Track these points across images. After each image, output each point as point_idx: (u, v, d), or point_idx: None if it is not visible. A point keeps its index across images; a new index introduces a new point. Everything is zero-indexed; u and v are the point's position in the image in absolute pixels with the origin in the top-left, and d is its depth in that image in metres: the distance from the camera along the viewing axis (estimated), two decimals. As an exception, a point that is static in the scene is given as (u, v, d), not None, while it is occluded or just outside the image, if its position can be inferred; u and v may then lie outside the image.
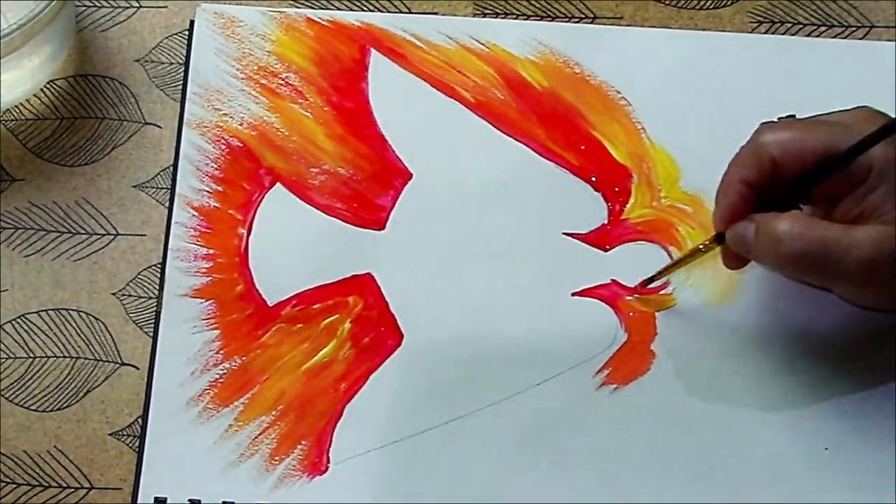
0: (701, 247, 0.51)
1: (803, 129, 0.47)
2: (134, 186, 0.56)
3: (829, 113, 0.49)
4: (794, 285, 0.53)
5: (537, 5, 0.60)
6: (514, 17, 0.59)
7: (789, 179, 0.47)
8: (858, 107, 0.48)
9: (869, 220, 0.45)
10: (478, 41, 0.58)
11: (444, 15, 0.59)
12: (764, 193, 0.48)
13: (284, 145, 0.56)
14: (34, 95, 0.57)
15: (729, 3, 0.60)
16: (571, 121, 0.57)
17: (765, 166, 0.47)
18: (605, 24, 0.59)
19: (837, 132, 0.46)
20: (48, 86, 0.57)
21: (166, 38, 0.59)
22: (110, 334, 0.53)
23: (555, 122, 0.57)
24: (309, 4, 0.59)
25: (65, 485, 0.51)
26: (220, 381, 0.52)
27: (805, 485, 0.51)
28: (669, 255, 0.55)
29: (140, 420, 0.52)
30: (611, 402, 0.52)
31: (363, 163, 0.56)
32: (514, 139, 0.57)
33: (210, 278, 0.54)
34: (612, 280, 0.54)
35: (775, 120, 0.50)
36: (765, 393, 0.52)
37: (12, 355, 0.53)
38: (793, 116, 0.52)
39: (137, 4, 0.59)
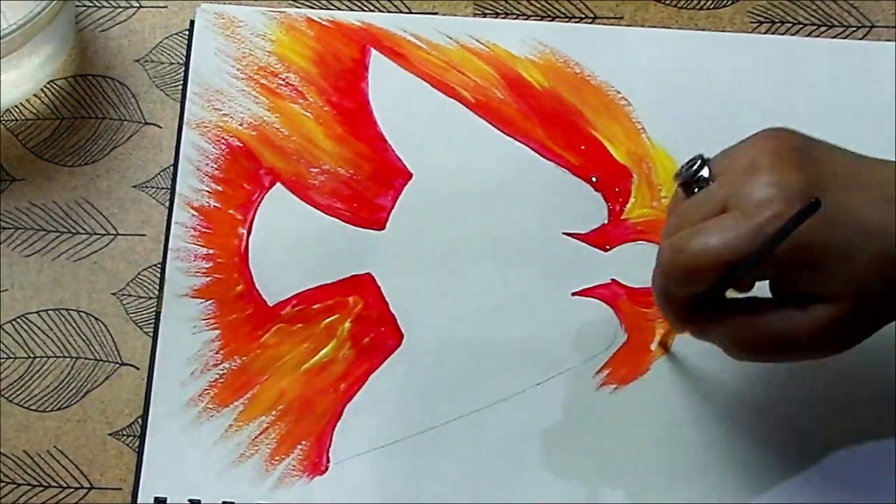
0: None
1: (701, 239, 0.42)
2: (134, 186, 0.56)
3: (729, 150, 0.45)
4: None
5: (537, 5, 0.60)
6: (514, 17, 0.59)
7: (711, 282, 0.43)
8: (758, 137, 0.44)
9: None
10: (478, 41, 0.58)
11: (444, 15, 0.59)
12: (703, 295, 0.44)
13: (284, 145, 0.56)
14: (34, 95, 0.57)
15: (729, 3, 0.60)
16: (571, 121, 0.57)
17: (682, 295, 0.44)
18: (605, 24, 0.59)
19: (734, 229, 0.41)
20: (48, 86, 0.57)
21: (166, 38, 0.59)
22: (110, 334, 0.53)
23: (555, 122, 0.57)
24: (309, 4, 0.59)
25: (65, 485, 0.51)
26: (220, 381, 0.52)
27: (805, 485, 0.51)
28: (669, 255, 0.55)
29: (140, 420, 0.52)
30: (611, 402, 0.52)
31: (363, 163, 0.56)
32: (514, 139, 0.57)
33: (210, 278, 0.54)
34: (612, 280, 0.54)
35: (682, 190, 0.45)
36: (764, 393, 0.52)
37: (12, 355, 0.53)
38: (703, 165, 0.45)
39: (137, 4, 0.59)
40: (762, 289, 0.44)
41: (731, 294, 0.44)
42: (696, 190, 0.44)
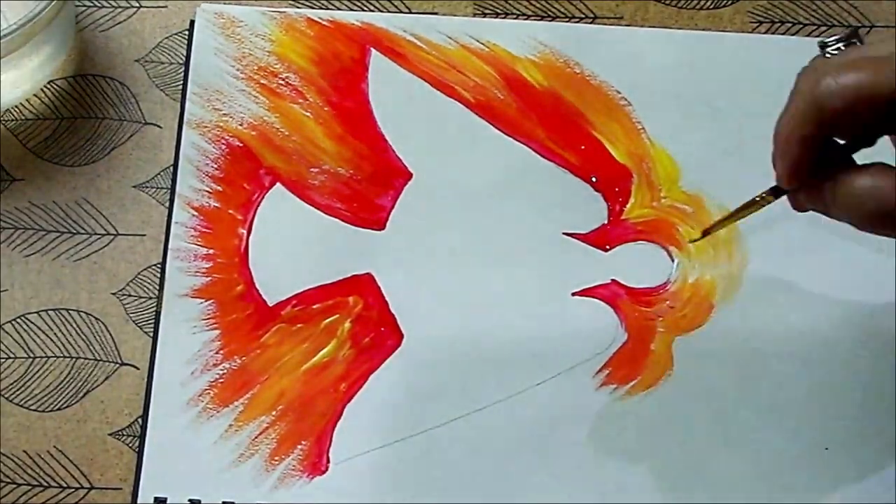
0: (757, 198, 0.47)
1: (866, 70, 0.40)
2: (134, 186, 0.56)
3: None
4: (795, 285, 0.54)
5: (537, 5, 0.60)
6: (514, 17, 0.59)
7: (858, 126, 0.41)
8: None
9: None
10: (478, 41, 0.58)
11: (444, 15, 0.59)
12: (830, 141, 0.42)
13: (284, 145, 0.56)
14: (34, 95, 0.57)
15: (729, 3, 0.60)
16: (571, 121, 0.57)
17: (827, 120, 0.41)
18: (605, 24, 0.59)
19: None
20: (48, 86, 0.57)
21: (166, 38, 0.59)
22: (110, 334, 0.53)
23: (555, 122, 0.57)
24: (309, 4, 0.59)
25: (65, 485, 0.51)
26: (220, 381, 0.52)
27: (805, 485, 0.51)
28: (669, 254, 0.55)
29: (140, 420, 0.52)
30: (611, 402, 0.52)
31: (363, 163, 0.56)
32: (514, 139, 0.57)
33: (210, 278, 0.54)
34: (612, 280, 0.54)
35: (826, 54, 0.43)
36: (764, 392, 0.52)
37: (12, 355, 0.53)
38: (855, 36, 0.43)
39: (137, 4, 0.59)
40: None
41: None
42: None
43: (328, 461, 0.51)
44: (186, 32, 0.58)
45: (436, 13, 0.59)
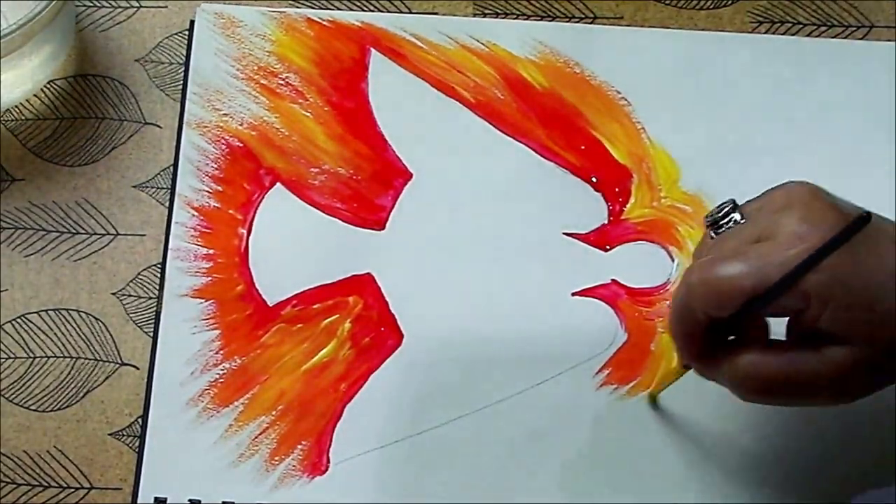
0: (675, 370, 0.49)
1: (732, 266, 0.41)
2: (134, 186, 0.56)
3: (760, 196, 0.44)
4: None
5: (537, 5, 0.60)
6: (514, 17, 0.59)
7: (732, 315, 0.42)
8: (790, 184, 0.43)
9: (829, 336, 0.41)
10: (478, 41, 0.58)
11: (444, 15, 0.59)
12: (716, 323, 0.43)
13: (284, 145, 0.56)
14: (34, 95, 0.57)
15: (729, 3, 0.60)
16: (572, 121, 0.57)
17: (699, 317, 0.42)
18: (605, 24, 0.59)
19: (766, 257, 0.41)
20: (48, 86, 0.57)
21: (166, 38, 0.59)
22: (110, 334, 0.53)
23: (555, 122, 0.57)
24: (309, 4, 0.59)
25: (65, 485, 0.51)
26: (220, 381, 0.52)
27: (804, 485, 0.51)
28: (669, 254, 0.55)
29: (140, 420, 0.52)
30: (611, 403, 0.52)
31: (363, 163, 0.56)
32: (514, 139, 0.57)
33: (210, 278, 0.54)
34: (612, 280, 0.54)
35: (711, 234, 0.44)
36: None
37: (12, 355, 0.53)
38: (732, 205, 0.44)
39: (137, 4, 0.59)
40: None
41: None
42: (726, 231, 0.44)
43: (328, 461, 0.51)
44: (186, 32, 0.58)
45: (436, 13, 0.59)
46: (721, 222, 0.44)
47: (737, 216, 0.44)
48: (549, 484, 0.51)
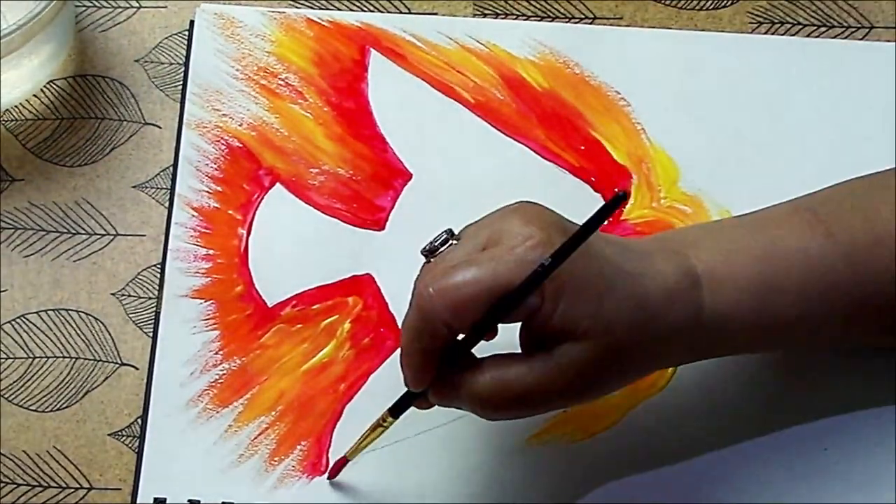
0: (381, 421, 0.46)
1: (466, 271, 0.41)
2: (134, 186, 0.56)
3: (475, 221, 0.45)
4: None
5: (537, 5, 0.60)
6: (514, 17, 0.59)
7: (468, 325, 0.42)
8: (517, 205, 0.44)
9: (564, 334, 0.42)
10: (478, 41, 0.58)
11: (444, 15, 0.59)
12: (452, 341, 0.43)
13: (284, 145, 0.56)
14: (34, 95, 0.57)
15: (729, 3, 0.60)
16: (571, 121, 0.57)
17: (440, 331, 0.42)
18: (605, 24, 0.59)
19: (498, 258, 0.41)
20: (48, 86, 0.57)
21: (166, 38, 0.59)
22: (110, 334, 0.53)
23: (555, 122, 0.57)
24: (309, 5, 0.59)
25: (64, 485, 0.51)
26: (220, 381, 0.52)
27: (805, 485, 0.51)
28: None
29: (140, 420, 0.52)
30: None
31: (363, 163, 0.56)
32: (514, 139, 0.57)
33: (210, 279, 0.54)
34: (612, 280, 0.54)
35: (429, 259, 0.44)
36: (764, 393, 0.52)
37: (12, 355, 0.53)
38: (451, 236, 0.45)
39: (137, 4, 0.59)
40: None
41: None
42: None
43: (328, 461, 0.51)
44: (186, 32, 0.58)
45: (436, 13, 0.59)
46: (440, 250, 0.44)
47: (454, 241, 0.44)
48: (548, 484, 0.51)
